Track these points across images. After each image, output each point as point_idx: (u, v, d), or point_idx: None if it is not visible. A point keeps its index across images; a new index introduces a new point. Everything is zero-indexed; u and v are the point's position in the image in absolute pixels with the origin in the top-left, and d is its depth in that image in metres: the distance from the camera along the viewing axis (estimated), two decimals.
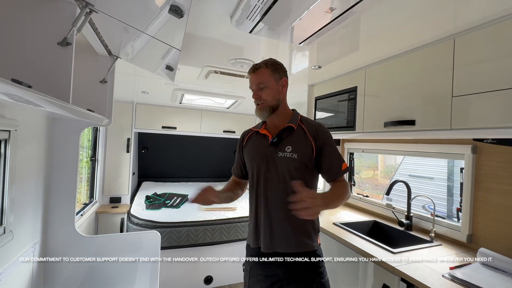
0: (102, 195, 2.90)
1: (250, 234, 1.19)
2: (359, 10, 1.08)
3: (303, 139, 1.14)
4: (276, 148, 1.14)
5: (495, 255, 1.26)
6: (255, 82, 1.14)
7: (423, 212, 1.88)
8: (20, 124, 1.12)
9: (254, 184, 1.18)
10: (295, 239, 1.10)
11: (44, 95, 0.68)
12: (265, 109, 1.15)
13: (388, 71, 1.64)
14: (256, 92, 1.15)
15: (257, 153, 1.18)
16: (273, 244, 1.10)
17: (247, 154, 1.23)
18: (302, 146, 1.13)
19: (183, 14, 0.95)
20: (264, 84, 1.13)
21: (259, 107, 1.16)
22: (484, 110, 1.13)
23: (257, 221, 1.15)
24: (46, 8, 0.91)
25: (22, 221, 1.20)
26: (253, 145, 1.22)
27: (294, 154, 1.11)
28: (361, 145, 2.41)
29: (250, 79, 1.17)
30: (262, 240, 1.12)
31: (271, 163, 1.13)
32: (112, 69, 1.54)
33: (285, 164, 1.11)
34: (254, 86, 1.15)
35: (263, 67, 1.15)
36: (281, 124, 1.19)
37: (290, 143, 1.13)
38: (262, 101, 1.14)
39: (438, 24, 1.22)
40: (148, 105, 3.24)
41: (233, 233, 2.52)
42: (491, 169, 1.45)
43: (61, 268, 1.44)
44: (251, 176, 1.20)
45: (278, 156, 1.12)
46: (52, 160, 1.43)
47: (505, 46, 1.07)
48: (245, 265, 1.24)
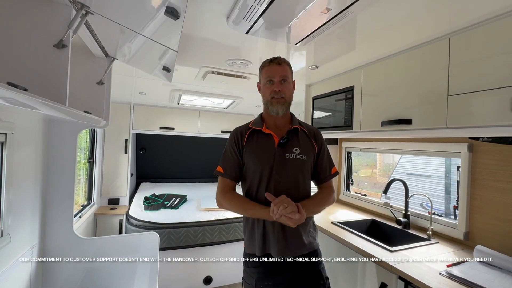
0: (100, 196, 2.90)
1: (254, 243, 1.09)
2: (355, 11, 1.08)
3: (307, 141, 1.15)
4: (283, 149, 1.10)
5: (491, 253, 1.27)
6: (280, 74, 1.10)
7: (421, 210, 1.89)
8: (16, 127, 1.12)
9: (262, 187, 1.08)
10: (305, 241, 1.09)
11: (40, 98, 0.68)
12: (284, 104, 1.12)
13: (385, 70, 1.65)
14: (278, 84, 1.10)
15: (264, 154, 1.10)
16: (287, 249, 1.05)
17: (251, 155, 1.12)
18: (308, 148, 1.14)
19: (179, 15, 0.95)
20: (287, 79, 1.11)
21: (280, 100, 1.10)
22: (479, 109, 1.14)
23: (266, 227, 1.07)
24: (41, 11, 0.91)
25: (19, 224, 1.19)
26: (258, 145, 1.13)
27: (303, 155, 1.10)
28: (358, 144, 2.42)
29: (272, 70, 1.11)
30: (273, 247, 1.05)
31: (281, 165, 1.08)
32: (109, 71, 1.54)
33: (296, 166, 1.08)
34: (278, 78, 1.10)
35: (286, 63, 1.13)
36: (283, 125, 1.17)
37: (297, 145, 1.12)
38: (283, 95, 1.10)
39: (433, 24, 1.23)
40: (145, 106, 3.23)
41: (232, 233, 2.53)
42: (487, 167, 1.46)
43: (60, 271, 1.44)
44: (256, 180, 1.10)
45: (287, 157, 1.09)
46: (49, 163, 1.42)
47: (499, 45, 1.08)
48: (246, 279, 1.12)
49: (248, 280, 1.12)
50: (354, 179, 2.62)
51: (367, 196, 2.34)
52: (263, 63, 1.17)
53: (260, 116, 1.23)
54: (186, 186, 4.12)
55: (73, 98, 1.10)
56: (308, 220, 1.14)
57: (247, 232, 1.14)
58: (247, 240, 1.14)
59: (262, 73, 1.16)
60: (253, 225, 1.11)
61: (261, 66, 1.17)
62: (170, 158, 4.47)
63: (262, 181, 1.09)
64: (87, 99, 1.49)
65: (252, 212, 1.07)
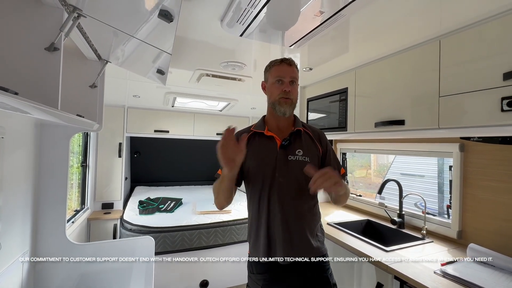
0: (94, 201, 2.85)
1: (259, 247, 1.06)
2: (347, 13, 1.10)
3: (311, 143, 1.14)
4: (286, 151, 1.09)
5: (484, 251, 1.29)
6: (290, 75, 1.09)
7: (415, 210, 1.91)
8: (7, 131, 1.09)
9: (266, 191, 1.06)
10: (313, 244, 1.06)
11: (31, 102, 0.67)
12: (292, 105, 1.11)
13: (377, 72, 1.67)
14: (288, 85, 1.09)
15: (267, 157, 1.09)
16: (293, 250, 1.03)
17: (252, 158, 1.09)
18: (312, 149, 1.12)
19: (173, 18, 0.94)
20: (295, 81, 1.11)
21: (287, 101, 1.09)
22: (470, 109, 1.16)
23: (270, 231, 1.05)
24: (32, 13, 0.89)
25: (10, 230, 1.17)
26: (259, 148, 1.11)
27: (306, 157, 1.08)
28: (353, 145, 2.44)
29: (282, 70, 1.10)
30: (279, 251, 1.03)
31: (284, 167, 1.06)
32: (102, 74, 1.52)
33: (298, 168, 1.04)
34: (289, 78, 1.09)
35: (295, 65, 1.13)
36: (286, 127, 1.15)
37: (300, 147, 1.10)
38: (291, 96, 1.09)
39: (424, 26, 1.25)
40: (139, 109, 3.20)
41: (228, 236, 2.51)
42: (478, 166, 1.49)
43: (52, 278, 1.40)
44: (259, 183, 1.08)
45: (289, 159, 1.07)
46: (41, 167, 1.40)
47: (487, 47, 1.10)
48: (251, 286, 1.11)
49: (253, 287, 1.09)
50: (349, 180, 2.64)
51: (362, 197, 2.36)
52: (271, 62, 1.15)
53: (262, 119, 1.21)
54: (182, 189, 4.09)
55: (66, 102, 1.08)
56: (316, 223, 1.12)
57: (252, 237, 1.11)
58: (251, 245, 1.12)
59: (270, 72, 1.13)
60: (258, 228, 1.08)
61: (269, 65, 1.15)
62: (165, 161, 4.43)
63: (265, 184, 1.07)
64: (79, 102, 1.47)
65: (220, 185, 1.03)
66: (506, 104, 1.02)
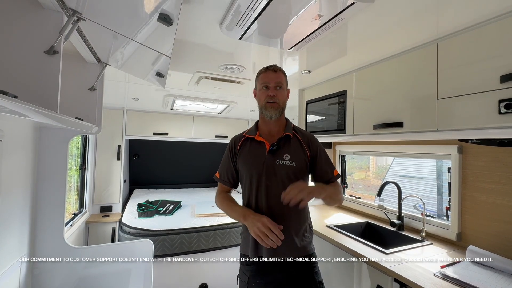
0: (92, 204, 2.84)
1: (248, 244, 1.15)
2: (345, 17, 1.11)
3: (299, 148, 1.18)
4: (274, 156, 1.15)
5: (483, 253, 1.29)
6: (275, 80, 1.16)
7: (414, 212, 1.91)
8: (5, 134, 1.09)
9: (254, 193, 1.14)
10: (298, 244, 1.12)
11: (30, 105, 0.67)
12: (278, 109, 1.17)
13: (376, 75, 1.68)
14: (273, 89, 1.16)
15: (255, 161, 1.16)
16: (278, 251, 1.07)
17: (243, 162, 1.19)
18: (299, 154, 1.17)
19: (172, 22, 0.95)
20: (281, 86, 1.17)
21: (273, 105, 1.15)
22: (468, 112, 1.17)
23: None
24: (32, 17, 0.90)
25: (8, 234, 1.16)
26: (249, 153, 1.19)
27: (293, 162, 1.13)
28: (352, 148, 2.45)
29: (267, 76, 1.17)
30: (265, 249, 1.09)
31: (270, 171, 1.13)
32: (101, 76, 1.52)
33: (284, 172, 1.12)
34: (273, 84, 1.16)
35: (281, 71, 1.20)
36: (277, 132, 1.21)
37: (288, 152, 1.15)
38: (277, 100, 1.16)
39: (421, 30, 1.26)
40: (139, 111, 3.20)
41: (227, 238, 2.50)
42: (476, 168, 1.49)
43: (50, 282, 1.39)
44: (248, 185, 1.17)
45: (277, 164, 1.13)
46: (40, 170, 1.39)
47: (485, 49, 1.11)
48: (240, 277, 1.19)
49: (242, 277, 1.18)
50: (348, 182, 2.64)
51: (362, 199, 2.36)
52: (259, 71, 1.23)
53: (255, 124, 1.28)
54: (181, 192, 4.07)
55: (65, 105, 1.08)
56: (302, 224, 1.16)
57: (243, 234, 1.20)
58: (242, 241, 1.21)
59: (258, 79, 1.22)
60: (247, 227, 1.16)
61: (258, 73, 1.23)
62: (164, 164, 4.42)
63: (253, 187, 1.15)
64: (79, 105, 1.47)
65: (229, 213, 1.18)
66: (503, 107, 1.03)
